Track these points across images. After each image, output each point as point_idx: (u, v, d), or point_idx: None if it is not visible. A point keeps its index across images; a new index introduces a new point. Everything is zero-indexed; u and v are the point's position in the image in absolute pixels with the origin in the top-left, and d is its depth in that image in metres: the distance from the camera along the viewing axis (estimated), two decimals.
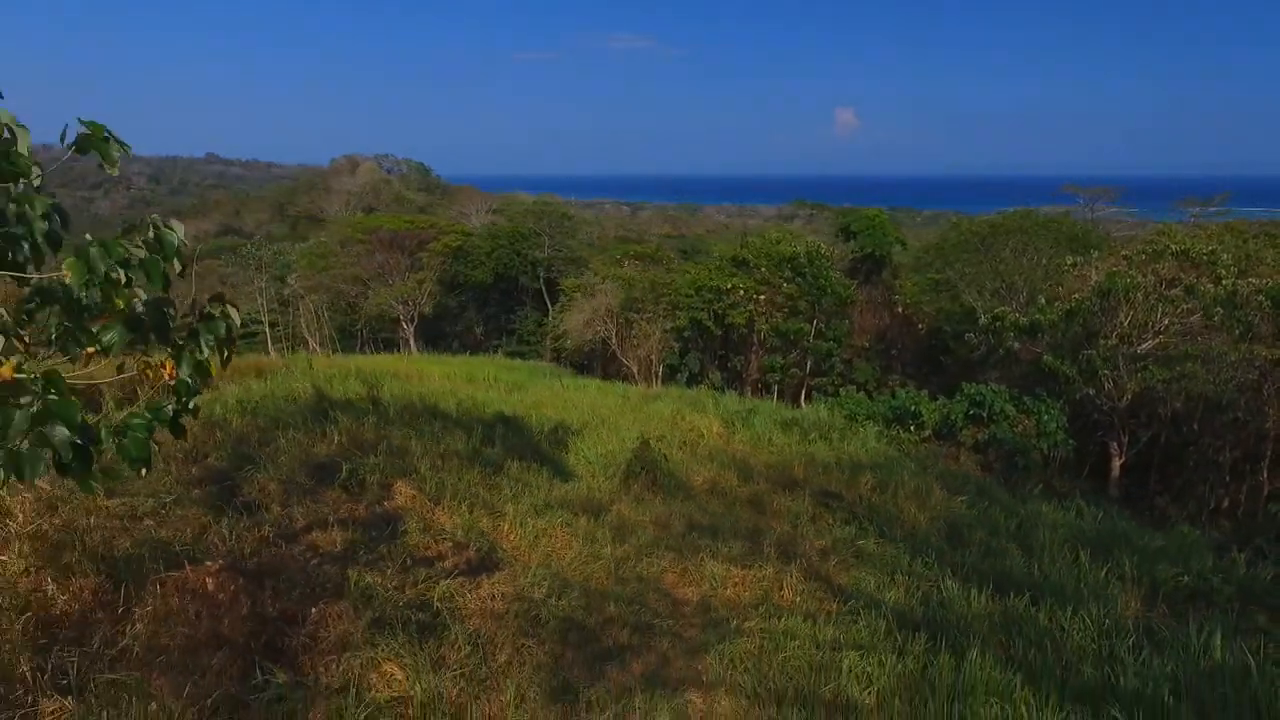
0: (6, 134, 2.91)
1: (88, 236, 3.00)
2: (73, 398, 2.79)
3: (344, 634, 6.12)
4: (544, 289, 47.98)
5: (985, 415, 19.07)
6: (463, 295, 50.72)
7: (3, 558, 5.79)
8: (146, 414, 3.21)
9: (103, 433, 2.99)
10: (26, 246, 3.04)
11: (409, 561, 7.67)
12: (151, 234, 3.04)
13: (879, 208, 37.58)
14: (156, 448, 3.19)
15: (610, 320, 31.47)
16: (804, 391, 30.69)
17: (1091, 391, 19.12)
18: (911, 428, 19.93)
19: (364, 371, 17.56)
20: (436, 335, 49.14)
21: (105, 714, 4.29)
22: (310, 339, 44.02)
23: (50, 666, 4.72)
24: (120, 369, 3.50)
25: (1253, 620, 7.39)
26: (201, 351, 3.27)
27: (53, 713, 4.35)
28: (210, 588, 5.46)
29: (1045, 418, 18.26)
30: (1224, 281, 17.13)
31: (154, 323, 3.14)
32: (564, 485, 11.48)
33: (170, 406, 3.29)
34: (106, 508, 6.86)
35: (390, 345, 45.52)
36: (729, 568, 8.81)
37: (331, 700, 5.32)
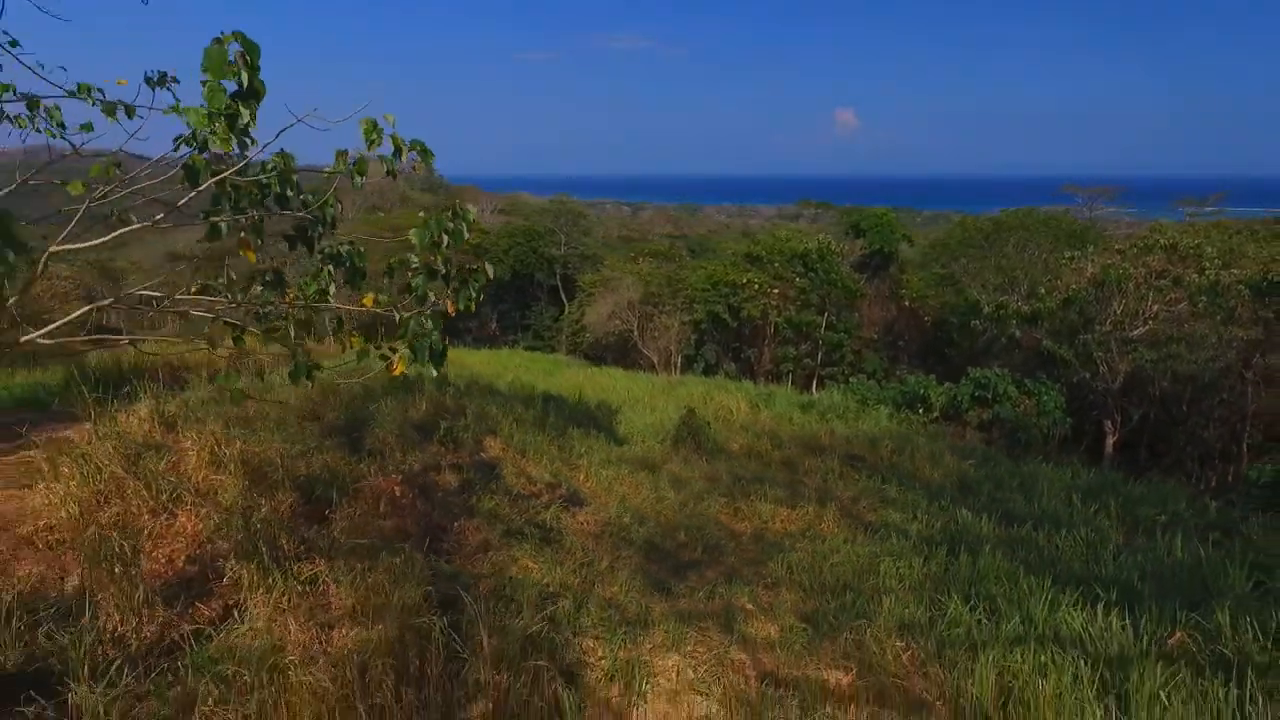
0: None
1: (421, 213, 4.58)
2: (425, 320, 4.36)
3: (483, 540, 7.67)
4: (560, 285, 49.53)
5: (989, 397, 20.61)
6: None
7: (219, 478, 7.35)
8: (432, 333, 4.75)
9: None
10: (320, 227, 4.60)
11: (514, 495, 9.24)
12: (454, 213, 4.61)
13: (885, 207, 39.13)
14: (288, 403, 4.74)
15: (632, 312, 33.06)
16: (815, 380, 32.20)
17: (1088, 375, 20.66)
18: (920, 410, 21.46)
19: None
20: (450, 331, 50.69)
21: (358, 566, 5.84)
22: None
23: (297, 543, 6.28)
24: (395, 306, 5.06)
25: (1209, 535, 8.93)
26: (471, 294, 4.83)
27: (313, 572, 5.91)
28: (397, 493, 7.01)
29: (1045, 398, 19.80)
30: (1207, 272, 18.67)
31: (446, 273, 4.71)
32: (620, 447, 13.04)
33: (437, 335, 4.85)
34: (278, 446, 8.41)
35: None
36: (774, 508, 10.37)
37: (487, 581, 6.86)
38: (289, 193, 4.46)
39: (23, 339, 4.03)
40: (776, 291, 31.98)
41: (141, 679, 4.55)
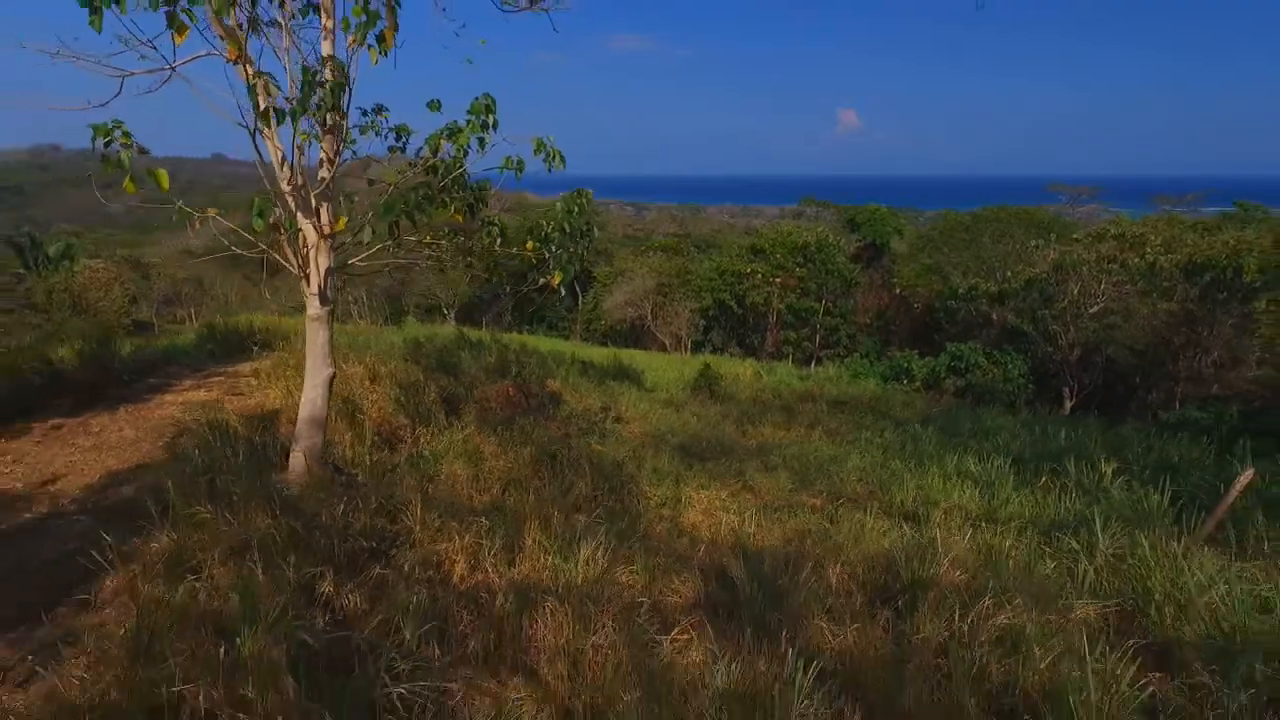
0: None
1: (558, 204, 7.57)
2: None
3: (564, 433, 10.65)
4: (574, 281, 52.47)
5: (963, 367, 23.58)
6: (497, 285, 55.29)
7: (380, 388, 10.34)
8: (569, 265, 7.68)
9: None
10: (482, 205, 7.53)
11: (577, 413, 12.22)
12: (579, 193, 7.59)
13: (879, 205, 42.14)
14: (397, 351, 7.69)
15: (646, 300, 36.10)
16: (814, 360, 35.18)
17: (1051, 349, 23.60)
18: (904, 381, 24.42)
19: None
20: (467, 323, 53.74)
21: (497, 429, 8.84)
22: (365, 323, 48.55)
23: (447, 418, 9.28)
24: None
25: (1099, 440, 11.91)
26: (579, 251, 7.78)
27: (465, 432, 8.90)
28: (511, 391, 10.00)
29: (1010, 367, 22.76)
30: (1147, 256, 21.56)
31: (572, 231, 7.66)
32: (649, 393, 16.04)
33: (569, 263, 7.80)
34: (409, 369, 11.41)
35: None
36: (773, 430, 13.36)
37: (574, 450, 9.83)
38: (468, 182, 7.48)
39: (349, 261, 7.04)
40: (778, 281, 34.95)
41: (385, 472, 7.52)
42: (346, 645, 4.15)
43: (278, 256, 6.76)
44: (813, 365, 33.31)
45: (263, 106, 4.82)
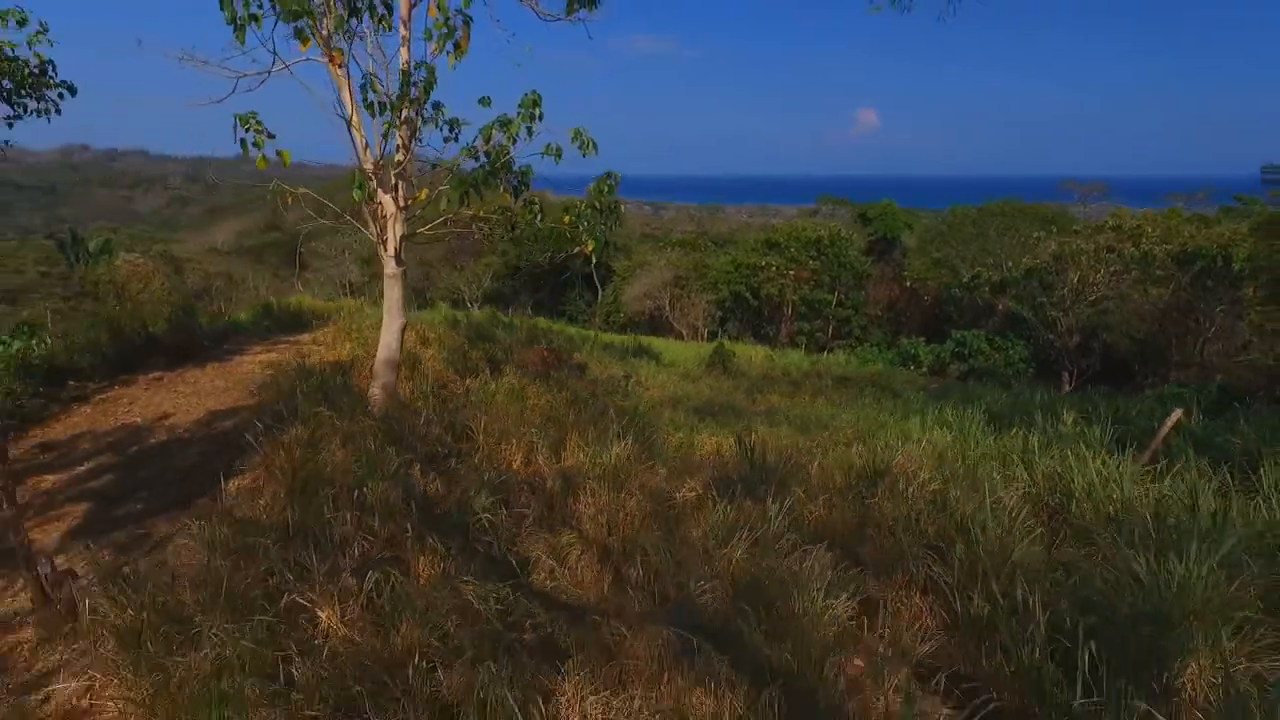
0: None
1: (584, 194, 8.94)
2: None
3: (591, 391, 12.02)
4: (594, 273, 53.93)
5: (967, 352, 24.71)
6: (517, 281, 56.93)
7: (430, 350, 11.76)
8: (600, 232, 9.03)
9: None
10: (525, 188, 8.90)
11: (602, 379, 13.59)
12: (609, 175, 8.94)
13: (891, 200, 43.26)
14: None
15: (664, 291, 37.47)
16: (826, 350, 36.39)
17: (1052, 336, 24.68)
18: (911, 366, 25.59)
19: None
20: None
21: (536, 380, 10.22)
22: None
23: (493, 372, 10.67)
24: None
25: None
26: (608, 225, 9.12)
27: (509, 381, 10.29)
28: (545, 354, 11.38)
29: (1011, 351, 23.87)
30: (1142, 245, 22.59)
31: (603, 208, 9.01)
32: (667, 368, 17.40)
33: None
34: (454, 336, 12.83)
35: None
36: (780, 398, 14.66)
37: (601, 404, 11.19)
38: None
39: (418, 231, 8.43)
40: (792, 274, 36.18)
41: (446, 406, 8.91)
42: (441, 502, 5.54)
43: (358, 225, 8.18)
44: (825, 354, 34.52)
45: (369, 100, 6.20)
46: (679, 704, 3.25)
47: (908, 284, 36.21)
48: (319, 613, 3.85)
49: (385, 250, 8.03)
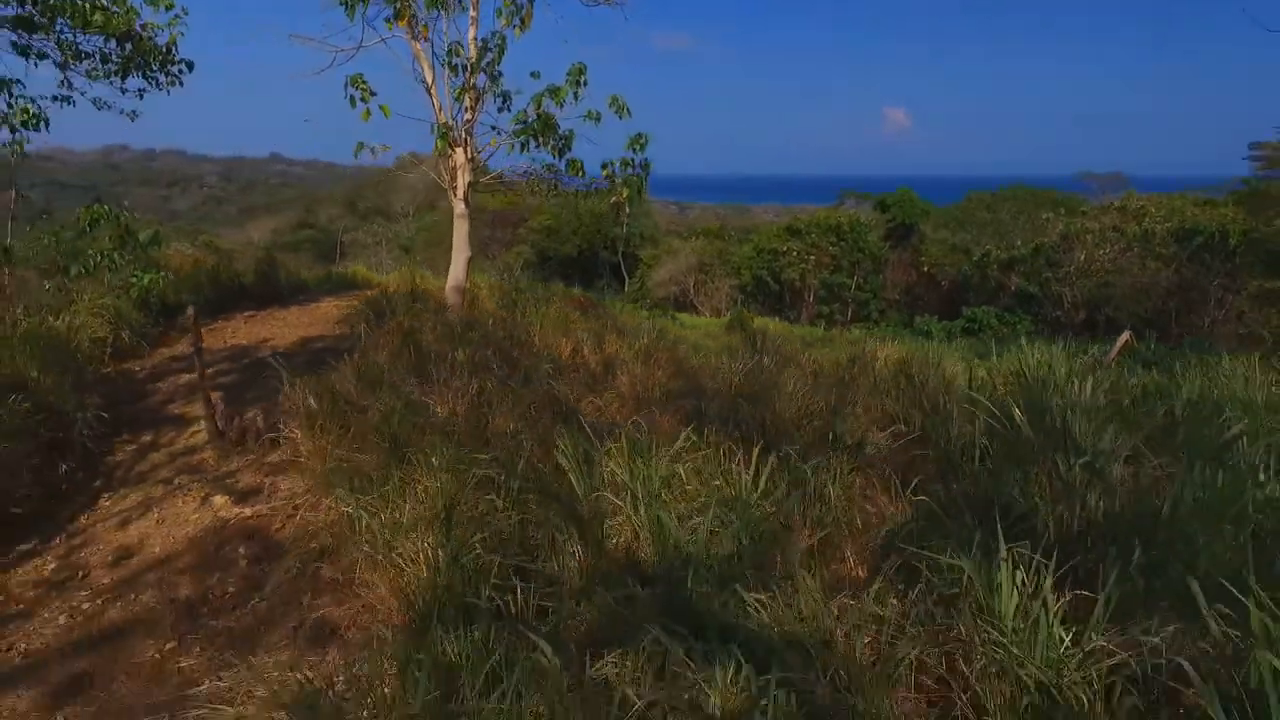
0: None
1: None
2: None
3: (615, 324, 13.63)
4: (621, 262, 55.60)
5: (976, 328, 25.97)
6: (547, 269, 58.80)
7: (484, 294, 13.44)
8: (632, 184, 10.65)
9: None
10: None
11: (630, 327, 15.19)
12: (639, 141, 10.55)
13: (908, 188, 44.45)
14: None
15: (689, 275, 39.06)
16: (844, 329, 37.75)
17: (1059, 313, 25.87)
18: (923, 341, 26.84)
19: None
20: None
21: (575, 311, 11.86)
22: None
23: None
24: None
25: None
26: (640, 179, 10.73)
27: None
28: (581, 300, 13.02)
29: (1018, 326, 25.11)
30: (1144, 224, 23.70)
31: (636, 162, 10.64)
32: (690, 329, 18.98)
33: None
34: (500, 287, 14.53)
35: None
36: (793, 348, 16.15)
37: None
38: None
39: (480, 180, 10.11)
40: (813, 258, 37.55)
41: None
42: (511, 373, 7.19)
43: (435, 176, 9.88)
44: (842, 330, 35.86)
45: (453, 63, 7.87)
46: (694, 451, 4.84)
47: (925, 269, 37.40)
48: (436, 407, 5.51)
49: (455, 195, 9.71)
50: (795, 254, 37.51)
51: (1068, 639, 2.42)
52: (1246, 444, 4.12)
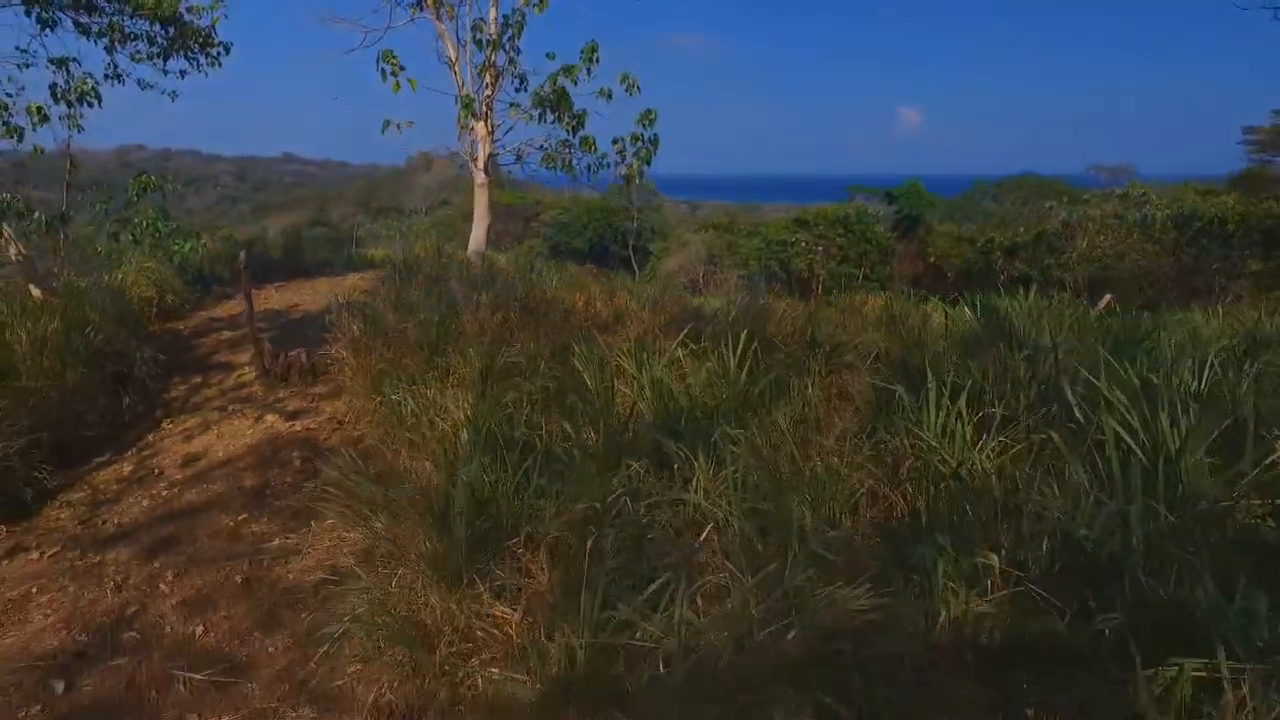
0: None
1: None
2: None
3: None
4: (631, 255, 56.28)
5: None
6: (559, 262, 59.57)
7: (502, 264, 14.16)
8: (641, 156, 11.36)
9: None
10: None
11: None
12: (648, 117, 11.23)
13: (915, 180, 44.84)
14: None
15: (698, 266, 39.68)
16: None
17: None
18: None
19: None
20: None
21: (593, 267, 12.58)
22: None
23: None
24: None
25: None
26: (649, 152, 11.41)
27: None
28: (594, 270, 13.71)
29: None
30: (1145, 209, 24.13)
31: (645, 137, 11.32)
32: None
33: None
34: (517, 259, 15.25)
35: None
36: None
37: None
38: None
39: (497, 151, 10.79)
40: (820, 249, 38.09)
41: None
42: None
43: (464, 154, 10.59)
44: None
45: (478, 38, 8.58)
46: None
47: (931, 259, 37.83)
48: (467, 325, 6.21)
49: (476, 166, 10.42)
50: (803, 245, 38.05)
51: (970, 442, 3.08)
52: (1164, 338, 4.75)
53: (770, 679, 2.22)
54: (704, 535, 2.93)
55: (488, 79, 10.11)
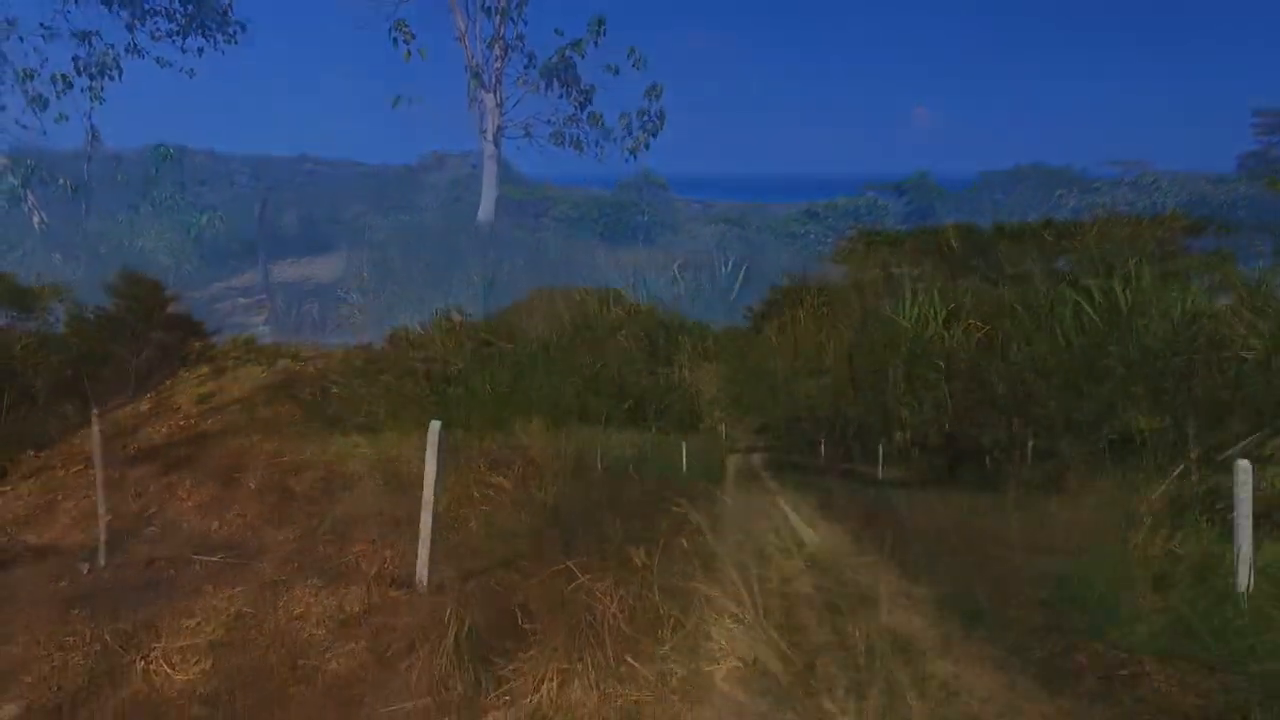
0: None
1: None
2: None
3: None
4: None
5: None
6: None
7: None
8: (649, 130, 11.60)
9: None
10: None
11: None
12: (655, 92, 11.45)
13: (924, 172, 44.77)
14: None
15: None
16: None
17: None
18: None
19: None
20: None
21: None
22: None
23: None
24: None
25: None
26: (657, 126, 11.60)
27: None
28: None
29: None
30: (1153, 196, 24.15)
31: (652, 111, 11.51)
32: None
33: None
34: None
35: None
36: None
37: None
38: None
39: (505, 124, 11.01)
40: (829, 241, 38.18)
41: None
42: None
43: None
44: None
45: (486, 6, 8.81)
46: None
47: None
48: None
49: (486, 137, 10.64)
50: (813, 237, 38.15)
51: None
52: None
53: None
54: None
55: (497, 50, 10.35)
